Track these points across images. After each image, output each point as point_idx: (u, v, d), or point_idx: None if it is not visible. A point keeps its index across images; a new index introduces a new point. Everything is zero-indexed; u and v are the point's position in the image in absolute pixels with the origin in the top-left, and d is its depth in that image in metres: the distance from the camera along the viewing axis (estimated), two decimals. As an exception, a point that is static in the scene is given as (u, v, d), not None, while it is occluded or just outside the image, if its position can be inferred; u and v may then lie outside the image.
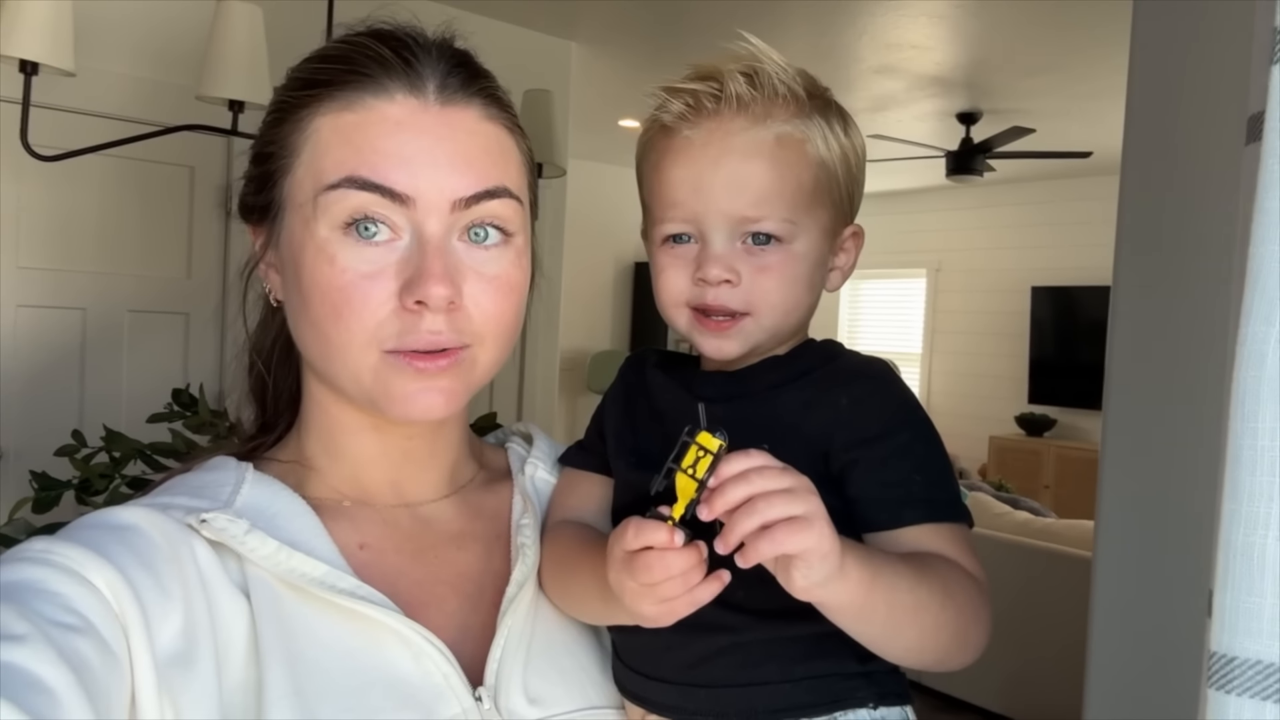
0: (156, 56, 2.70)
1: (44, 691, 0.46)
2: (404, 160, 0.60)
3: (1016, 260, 6.70)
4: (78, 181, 2.56)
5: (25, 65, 1.51)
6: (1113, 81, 3.98)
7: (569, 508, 0.76)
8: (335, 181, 0.60)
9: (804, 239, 0.68)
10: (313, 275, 0.61)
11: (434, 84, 0.63)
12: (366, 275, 0.60)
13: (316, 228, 0.61)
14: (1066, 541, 3.41)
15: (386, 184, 0.60)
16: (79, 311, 2.66)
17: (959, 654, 0.62)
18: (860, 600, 0.56)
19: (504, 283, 0.64)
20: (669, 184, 0.68)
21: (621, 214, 6.46)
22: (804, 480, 0.54)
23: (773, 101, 0.67)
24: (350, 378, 0.63)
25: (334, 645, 0.60)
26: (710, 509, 0.53)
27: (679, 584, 0.55)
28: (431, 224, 0.61)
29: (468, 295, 0.62)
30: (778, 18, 3.43)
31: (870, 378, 0.68)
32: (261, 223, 0.68)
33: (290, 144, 0.64)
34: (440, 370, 0.62)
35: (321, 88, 0.63)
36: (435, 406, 0.63)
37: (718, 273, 0.67)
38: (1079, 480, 6.01)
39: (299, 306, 0.64)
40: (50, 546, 0.55)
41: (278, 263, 0.67)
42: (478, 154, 0.63)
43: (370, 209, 0.60)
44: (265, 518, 0.62)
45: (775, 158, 0.66)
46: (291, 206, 0.64)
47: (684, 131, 0.67)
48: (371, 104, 0.61)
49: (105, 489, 1.54)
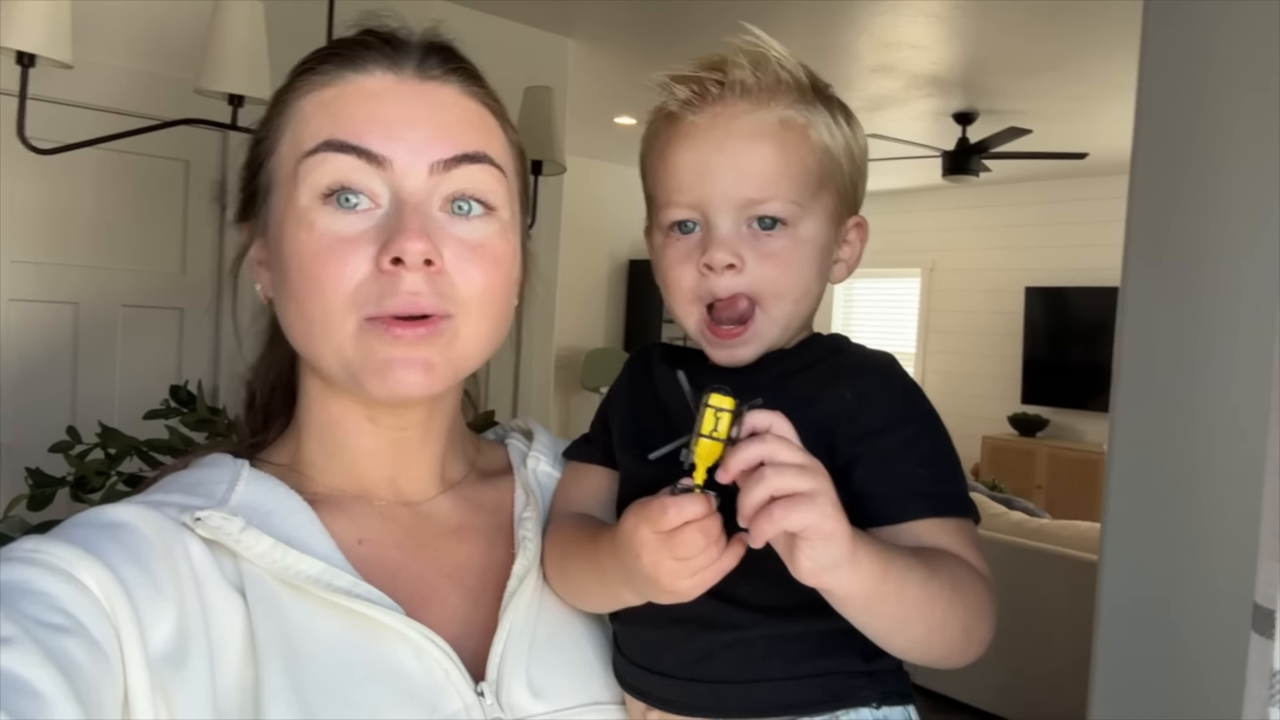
0: (153, 49, 2.68)
1: (32, 695, 0.45)
2: (381, 123, 0.61)
3: (1011, 260, 6.72)
4: (71, 174, 2.53)
5: (22, 57, 1.49)
6: (1110, 83, 3.99)
7: (573, 500, 0.75)
8: (313, 147, 0.61)
9: (809, 223, 0.68)
10: (292, 245, 0.61)
11: (413, 63, 0.64)
12: (344, 239, 0.60)
13: (297, 197, 0.61)
14: (1061, 542, 3.42)
15: (363, 144, 0.60)
16: (72, 306, 2.64)
17: (964, 650, 0.62)
18: (870, 591, 0.55)
19: (488, 252, 0.63)
20: (674, 169, 0.68)
21: (616, 211, 6.46)
22: (815, 460, 0.54)
23: (776, 87, 0.67)
24: (333, 351, 0.61)
25: (332, 642, 0.59)
26: (726, 470, 0.53)
27: (713, 551, 0.55)
28: (409, 184, 0.61)
29: (449, 261, 0.61)
30: (776, 15, 3.42)
31: (876, 371, 0.68)
32: (251, 216, 0.68)
33: (275, 126, 0.65)
34: (419, 339, 0.60)
35: (303, 75, 0.65)
36: (416, 382, 0.61)
37: (722, 256, 0.66)
38: (1071, 480, 6.04)
39: (282, 284, 0.64)
40: (39, 546, 0.54)
41: (265, 255, 0.67)
42: (456, 121, 0.64)
43: (349, 175, 0.60)
44: (261, 515, 0.62)
45: (780, 140, 0.67)
46: (276, 185, 0.64)
47: (689, 117, 0.68)
48: (350, 77, 0.63)
49: (101, 486, 1.52)
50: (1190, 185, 1.46)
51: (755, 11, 3.31)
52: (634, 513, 0.58)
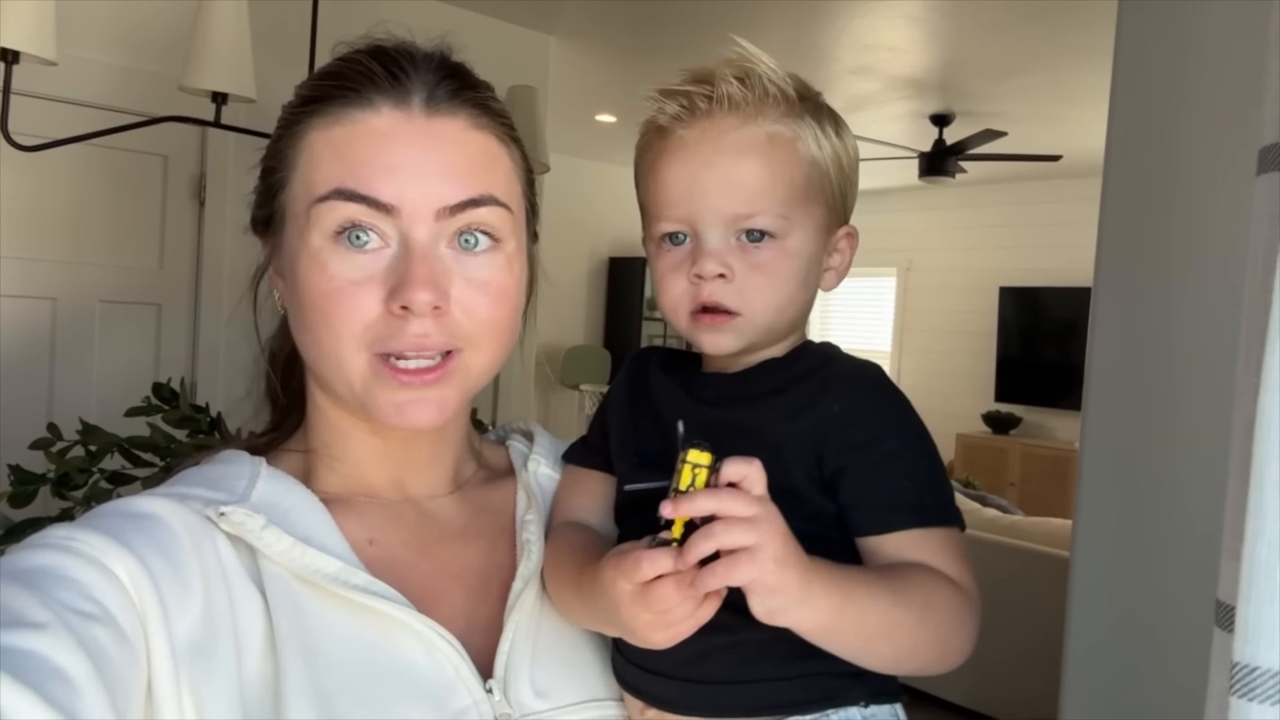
0: (134, 44, 2.66)
1: (63, 680, 0.46)
2: (389, 170, 0.62)
3: (986, 260, 6.80)
4: (48, 169, 2.51)
5: (6, 54, 1.49)
6: (1084, 86, 4.05)
7: (573, 506, 0.77)
8: (325, 194, 0.63)
9: (797, 235, 0.70)
10: (305, 282, 0.63)
11: (420, 96, 0.64)
12: (355, 281, 0.62)
13: (310, 237, 0.63)
14: (1033, 538, 3.47)
15: (372, 194, 0.62)
16: (49, 301, 2.62)
17: (940, 663, 0.64)
18: (828, 623, 0.58)
19: (494, 288, 0.66)
20: (664, 184, 0.70)
21: (597, 209, 6.46)
22: (770, 510, 0.55)
23: (764, 101, 0.68)
24: (344, 382, 0.64)
25: (348, 639, 0.61)
26: (675, 509, 0.54)
27: (689, 605, 0.57)
28: (418, 231, 0.63)
29: (456, 300, 0.63)
30: (755, 16, 3.45)
31: (864, 383, 0.70)
32: (267, 234, 0.70)
33: (287, 158, 0.66)
34: (427, 384, 0.63)
35: (316, 103, 0.65)
36: (429, 416, 0.64)
37: (711, 267, 0.68)
38: (1043, 478, 6.12)
39: (296, 312, 0.66)
40: (72, 534, 0.55)
41: (281, 271, 0.69)
42: (462, 163, 0.65)
43: (358, 219, 0.62)
44: (279, 512, 0.63)
45: (767, 155, 0.68)
46: (290, 217, 0.66)
47: (678, 132, 0.69)
48: (358, 117, 0.64)
49: (84, 483, 1.52)
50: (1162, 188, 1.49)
51: (735, 11, 3.34)
52: (612, 564, 0.59)
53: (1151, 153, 1.51)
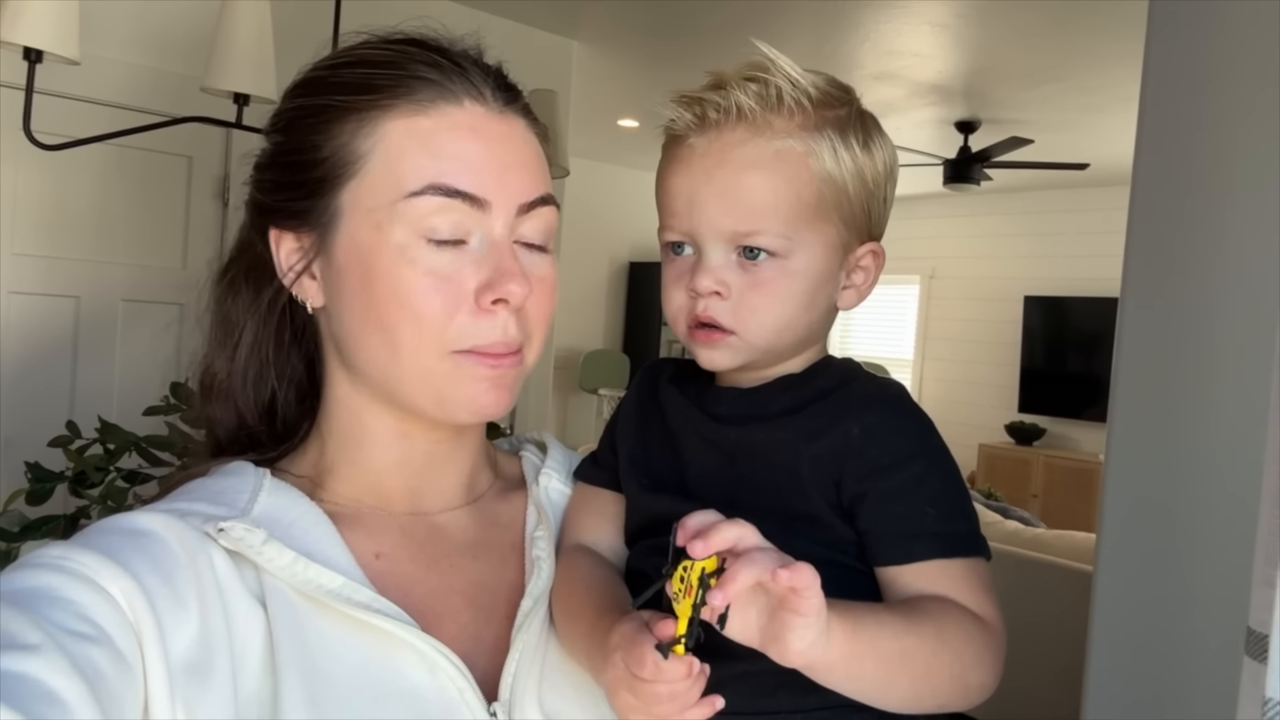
0: (157, 45, 2.68)
1: (56, 703, 0.45)
2: (481, 166, 0.63)
3: (1010, 269, 6.73)
4: (73, 168, 2.53)
5: (29, 53, 1.50)
6: (1112, 94, 4.00)
7: (584, 526, 0.75)
8: (419, 189, 0.61)
9: (803, 255, 0.66)
10: (388, 279, 0.62)
11: (490, 92, 0.65)
12: (445, 277, 0.62)
13: (391, 232, 0.62)
14: (1056, 552, 3.42)
15: (469, 190, 0.62)
16: (72, 300, 2.64)
17: (960, 699, 0.61)
18: (836, 660, 0.55)
19: (549, 286, 0.68)
20: (669, 193, 0.68)
21: (617, 214, 6.46)
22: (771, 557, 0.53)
23: (776, 113, 0.65)
24: (418, 378, 0.64)
25: (349, 656, 0.60)
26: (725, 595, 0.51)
27: (681, 703, 0.55)
28: (499, 227, 0.64)
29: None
30: (781, 21, 3.43)
31: (885, 404, 0.67)
32: (300, 229, 0.66)
33: (352, 149, 0.63)
34: (505, 369, 0.64)
35: (382, 93, 0.63)
36: (500, 404, 0.65)
37: (707, 284, 0.66)
38: (1067, 490, 6.04)
39: (362, 311, 0.64)
40: (66, 553, 0.54)
41: (325, 270, 0.66)
42: (532, 161, 0.66)
43: (450, 214, 0.62)
44: (282, 526, 0.62)
45: (772, 171, 0.65)
46: (356, 212, 0.63)
47: (689, 140, 0.67)
48: (444, 109, 0.63)
49: (100, 482, 1.53)
50: (1191, 197, 1.47)
51: (760, 16, 3.33)
52: (619, 642, 0.57)
53: (1180, 161, 1.48)
